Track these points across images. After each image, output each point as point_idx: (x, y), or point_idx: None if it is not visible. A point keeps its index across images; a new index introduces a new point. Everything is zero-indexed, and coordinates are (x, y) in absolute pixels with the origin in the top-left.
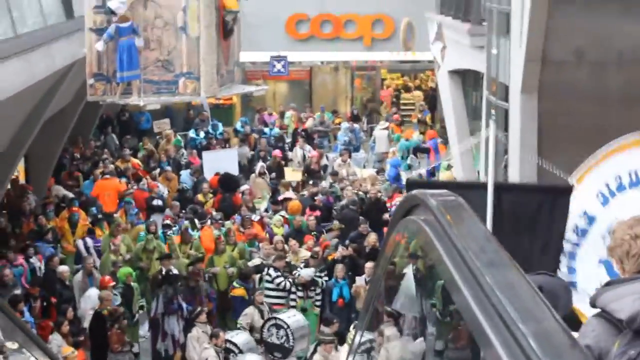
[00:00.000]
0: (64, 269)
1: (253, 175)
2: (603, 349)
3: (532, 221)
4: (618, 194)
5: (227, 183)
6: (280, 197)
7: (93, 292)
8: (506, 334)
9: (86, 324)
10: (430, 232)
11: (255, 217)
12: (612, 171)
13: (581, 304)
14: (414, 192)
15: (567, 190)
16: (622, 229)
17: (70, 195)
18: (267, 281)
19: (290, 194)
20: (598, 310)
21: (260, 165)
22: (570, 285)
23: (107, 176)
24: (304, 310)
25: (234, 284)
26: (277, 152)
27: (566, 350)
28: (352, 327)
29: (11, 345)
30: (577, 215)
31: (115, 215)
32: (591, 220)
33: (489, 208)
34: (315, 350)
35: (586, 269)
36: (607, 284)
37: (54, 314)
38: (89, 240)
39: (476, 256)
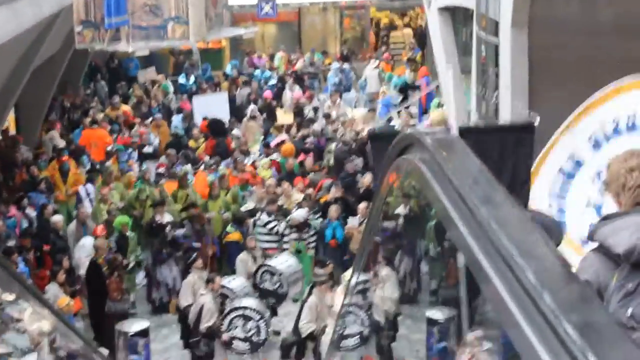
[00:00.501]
0: (57, 218)
1: (245, 118)
2: (602, 283)
3: (497, 161)
4: (613, 138)
5: (215, 127)
6: (273, 141)
7: (87, 241)
8: (505, 270)
9: (82, 271)
10: (426, 171)
11: (248, 161)
12: (609, 114)
13: (568, 245)
14: (409, 131)
15: (529, 127)
16: (617, 162)
17: (61, 144)
18: (260, 226)
19: (283, 136)
20: (596, 244)
21: (251, 109)
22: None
23: (95, 126)
24: (298, 252)
25: (228, 228)
26: (267, 94)
27: (566, 283)
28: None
29: (8, 296)
30: (563, 159)
31: (107, 164)
32: (578, 164)
33: None
34: (310, 292)
35: (575, 211)
36: (604, 218)
37: (50, 264)
38: (89, 187)
39: (473, 193)
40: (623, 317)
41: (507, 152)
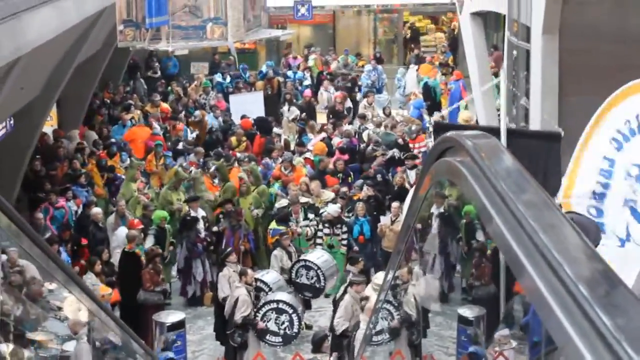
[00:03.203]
0: (97, 210)
1: (285, 119)
2: None
3: (527, 165)
4: (632, 137)
5: (262, 125)
6: (311, 142)
7: (120, 231)
8: (544, 267)
9: (112, 260)
10: (467, 174)
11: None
12: (622, 117)
13: (608, 244)
14: (449, 133)
15: (557, 136)
16: None
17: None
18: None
19: (318, 136)
20: None
21: (295, 113)
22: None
23: (141, 123)
24: (330, 247)
25: (274, 225)
26: (307, 92)
27: (604, 279)
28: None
29: (49, 285)
30: (598, 159)
31: (133, 159)
32: (612, 162)
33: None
34: (345, 291)
35: (613, 211)
36: None
37: (87, 255)
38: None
39: (516, 197)
40: None
41: (536, 158)
